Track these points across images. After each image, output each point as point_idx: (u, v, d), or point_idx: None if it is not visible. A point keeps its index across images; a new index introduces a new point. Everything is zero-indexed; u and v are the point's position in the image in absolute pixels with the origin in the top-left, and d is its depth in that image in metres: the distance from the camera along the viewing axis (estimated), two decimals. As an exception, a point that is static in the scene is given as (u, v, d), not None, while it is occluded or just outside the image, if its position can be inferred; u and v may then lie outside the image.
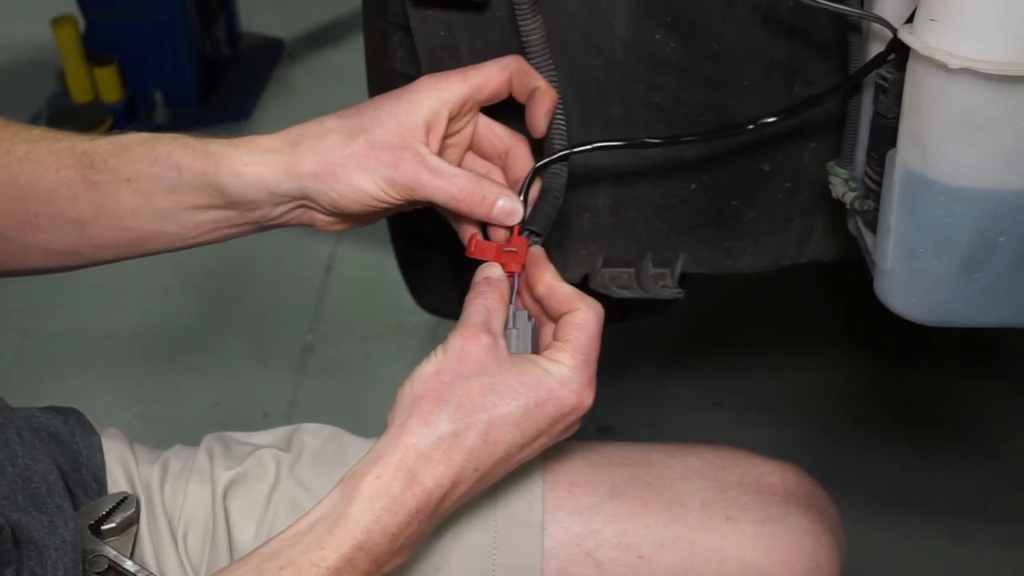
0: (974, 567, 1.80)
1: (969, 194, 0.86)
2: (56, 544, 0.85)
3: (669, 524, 0.96)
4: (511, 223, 0.91)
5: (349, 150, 0.88)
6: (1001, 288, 0.92)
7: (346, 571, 0.77)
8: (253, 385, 2.19)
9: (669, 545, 0.96)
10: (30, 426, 0.92)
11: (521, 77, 0.92)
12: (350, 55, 3.23)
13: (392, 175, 0.88)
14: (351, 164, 0.88)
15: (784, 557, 0.97)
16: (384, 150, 0.88)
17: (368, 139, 0.89)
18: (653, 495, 0.97)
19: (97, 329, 2.29)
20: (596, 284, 1.18)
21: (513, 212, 0.90)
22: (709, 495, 0.98)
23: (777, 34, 1.02)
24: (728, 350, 2.21)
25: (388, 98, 0.91)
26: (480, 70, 0.92)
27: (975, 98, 0.81)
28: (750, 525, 0.97)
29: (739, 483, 1.00)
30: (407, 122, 0.89)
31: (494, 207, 0.90)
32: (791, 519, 0.98)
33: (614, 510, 0.96)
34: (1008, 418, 2.02)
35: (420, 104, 0.90)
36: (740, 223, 1.15)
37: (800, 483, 1.03)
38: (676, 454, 1.02)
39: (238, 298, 2.36)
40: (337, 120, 0.91)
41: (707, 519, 0.97)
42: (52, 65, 2.98)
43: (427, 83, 0.91)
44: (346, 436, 1.03)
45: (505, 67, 0.92)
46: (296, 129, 0.91)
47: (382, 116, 0.90)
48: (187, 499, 0.97)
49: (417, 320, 2.27)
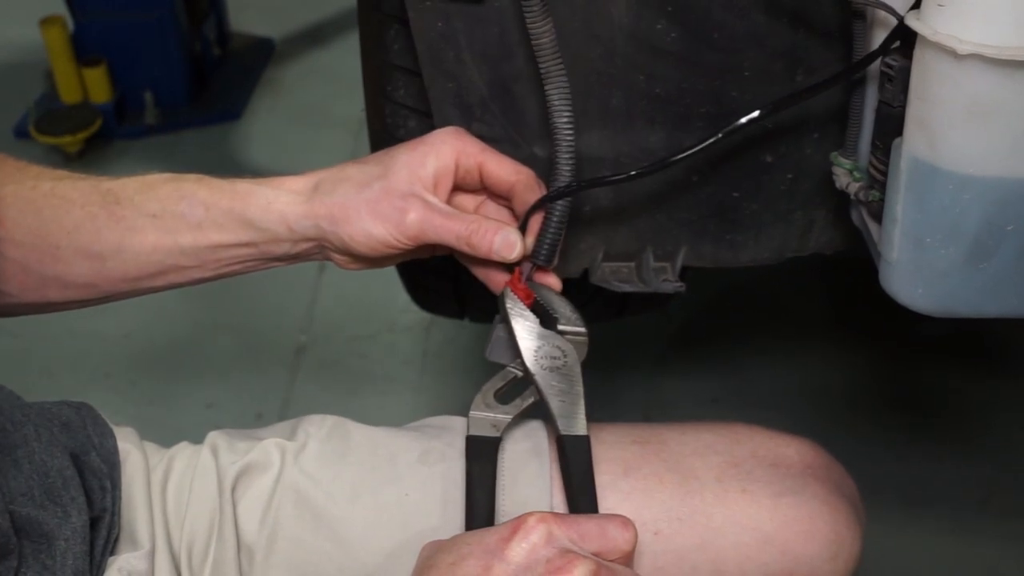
0: (975, 562, 1.80)
1: (977, 182, 0.85)
2: (66, 534, 0.85)
3: (684, 499, 0.96)
4: (512, 256, 0.95)
5: (363, 196, 0.94)
6: (1009, 278, 0.91)
7: None
8: (246, 385, 2.18)
9: (685, 520, 0.95)
10: (44, 420, 0.93)
11: (524, 191, 0.97)
12: (341, 54, 3.24)
13: (400, 220, 0.93)
14: (364, 209, 0.93)
15: (803, 528, 0.96)
16: (396, 197, 0.94)
17: (382, 186, 0.94)
18: (668, 471, 0.97)
19: (89, 330, 2.28)
20: (596, 278, 1.17)
21: (511, 245, 0.95)
22: (724, 469, 0.98)
23: (779, 22, 1.01)
24: (724, 345, 2.21)
25: (405, 148, 0.97)
26: (497, 158, 0.97)
27: (984, 84, 0.80)
28: (767, 498, 0.96)
29: (754, 456, 0.99)
30: (419, 172, 0.95)
31: (494, 243, 0.94)
32: (808, 491, 0.97)
33: (628, 487, 0.96)
34: (1009, 412, 2.02)
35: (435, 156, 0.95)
36: (742, 215, 1.14)
37: (816, 456, 1.02)
38: (689, 431, 1.02)
39: (231, 298, 2.35)
40: (356, 167, 0.97)
41: (723, 493, 0.96)
42: (40, 66, 2.96)
43: (442, 138, 0.97)
44: (351, 425, 1.02)
45: (517, 172, 0.97)
46: (319, 173, 0.97)
47: (396, 165, 0.95)
48: (192, 495, 0.96)
49: (410, 319, 2.27)
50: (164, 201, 0.96)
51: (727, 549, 0.95)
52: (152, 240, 0.96)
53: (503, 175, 0.97)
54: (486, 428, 0.94)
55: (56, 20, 2.81)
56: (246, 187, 0.97)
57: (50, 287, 0.98)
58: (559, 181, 0.96)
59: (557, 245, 0.97)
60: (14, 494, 0.84)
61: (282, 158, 2.85)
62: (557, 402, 0.93)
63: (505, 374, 0.96)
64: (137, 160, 2.83)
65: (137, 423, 1.03)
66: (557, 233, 0.97)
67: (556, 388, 0.93)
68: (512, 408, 0.95)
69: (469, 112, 1.08)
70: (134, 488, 0.95)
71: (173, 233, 0.96)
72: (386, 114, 1.26)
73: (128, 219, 0.96)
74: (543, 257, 0.97)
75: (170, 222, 0.96)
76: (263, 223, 0.95)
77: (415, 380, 2.17)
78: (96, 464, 0.93)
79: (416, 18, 1.04)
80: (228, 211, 0.96)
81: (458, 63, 1.05)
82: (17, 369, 2.15)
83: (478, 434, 0.94)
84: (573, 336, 0.96)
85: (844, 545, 0.97)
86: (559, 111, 0.95)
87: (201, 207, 0.96)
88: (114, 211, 0.96)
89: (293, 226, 0.95)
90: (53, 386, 2.17)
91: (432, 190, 0.95)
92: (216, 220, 0.96)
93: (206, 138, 2.94)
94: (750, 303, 2.27)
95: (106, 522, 0.91)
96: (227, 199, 0.96)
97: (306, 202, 0.95)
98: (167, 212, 0.96)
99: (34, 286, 0.98)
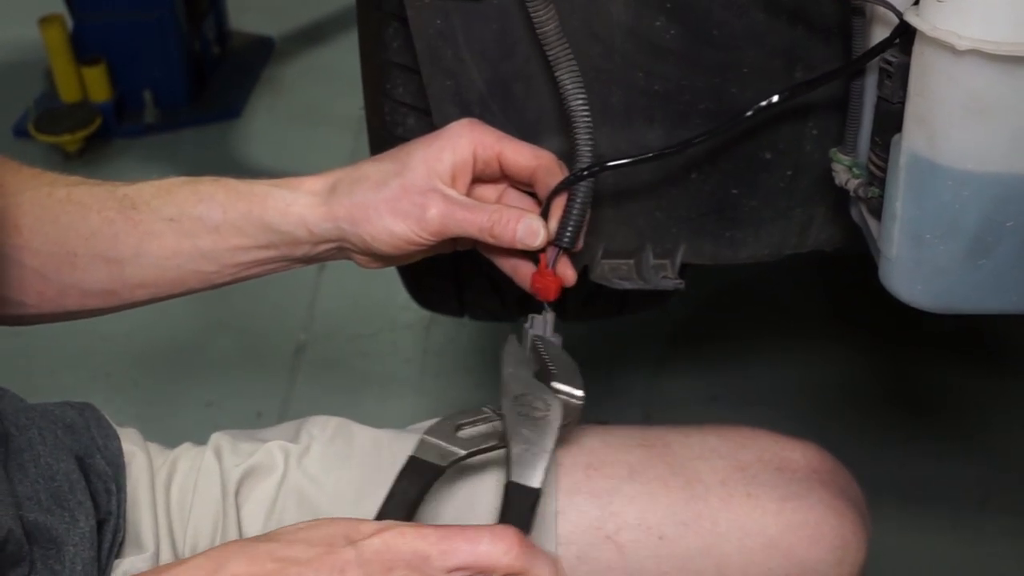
0: (975, 559, 1.80)
1: (976, 178, 0.85)
2: (75, 540, 0.85)
3: (689, 503, 0.95)
4: (536, 243, 0.94)
5: (382, 194, 0.92)
6: (1008, 274, 0.91)
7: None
8: (246, 384, 2.18)
9: (690, 524, 0.95)
10: (49, 422, 0.92)
11: (546, 175, 0.95)
12: (340, 53, 3.23)
13: (421, 216, 0.92)
14: (384, 208, 0.92)
15: (808, 533, 0.95)
16: (415, 193, 0.92)
17: (400, 183, 0.92)
18: (672, 475, 0.97)
19: (90, 329, 2.26)
20: (596, 276, 1.17)
21: (535, 232, 0.93)
22: (729, 473, 0.97)
23: (779, 20, 1.01)
24: (724, 343, 2.21)
25: (421, 143, 0.95)
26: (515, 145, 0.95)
27: (983, 80, 0.80)
28: (772, 502, 0.96)
29: (759, 461, 0.99)
30: (436, 167, 0.93)
31: (517, 231, 0.93)
32: (814, 495, 0.97)
33: (633, 492, 0.96)
34: (1008, 410, 2.02)
35: (451, 150, 0.93)
36: (741, 212, 1.14)
37: (822, 460, 1.01)
38: (694, 434, 1.01)
39: (231, 296, 2.33)
40: (372, 165, 0.95)
41: (728, 497, 0.96)
42: (40, 65, 2.96)
43: (458, 131, 0.95)
44: (355, 427, 1.02)
45: (536, 157, 0.95)
46: (336, 173, 0.96)
47: (413, 161, 0.93)
48: (196, 497, 0.96)
49: (411, 317, 2.26)
50: (181, 205, 0.95)
51: (731, 554, 0.95)
52: (170, 244, 0.95)
53: (523, 162, 0.95)
54: (433, 455, 0.87)
55: (55, 19, 2.81)
56: (264, 189, 0.95)
57: (68, 295, 0.97)
58: (579, 164, 0.95)
59: (581, 228, 0.95)
60: (21, 499, 0.83)
61: (282, 157, 2.85)
62: (519, 449, 0.84)
63: (478, 411, 0.90)
64: (137, 159, 2.84)
65: (138, 422, 1.03)
66: (581, 215, 0.95)
67: (523, 436, 0.85)
68: (468, 444, 0.88)
69: (468, 110, 1.07)
70: (139, 490, 0.95)
71: (191, 237, 0.95)
72: (385, 112, 1.26)
73: (145, 223, 0.95)
74: (567, 240, 0.95)
75: (188, 225, 0.95)
76: (282, 226, 0.94)
77: (415, 378, 2.17)
78: (101, 467, 0.93)
79: (415, 16, 1.04)
80: (246, 214, 0.94)
81: (457, 61, 1.05)
82: (18, 368, 2.15)
83: (422, 457, 0.87)
84: (567, 397, 0.89)
85: (849, 550, 0.96)
86: (573, 95, 0.94)
87: (219, 210, 0.95)
88: (131, 216, 0.95)
89: (313, 228, 0.94)
90: (54, 385, 2.17)
91: (451, 183, 0.93)
92: (234, 223, 0.95)
93: (206, 137, 2.94)
94: (750, 300, 2.27)
95: (111, 525, 0.91)
96: (245, 202, 0.95)
97: (324, 204, 0.94)
98: (185, 215, 0.95)
99: (53, 295, 0.97)
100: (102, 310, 1.00)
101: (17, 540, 0.79)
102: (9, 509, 0.80)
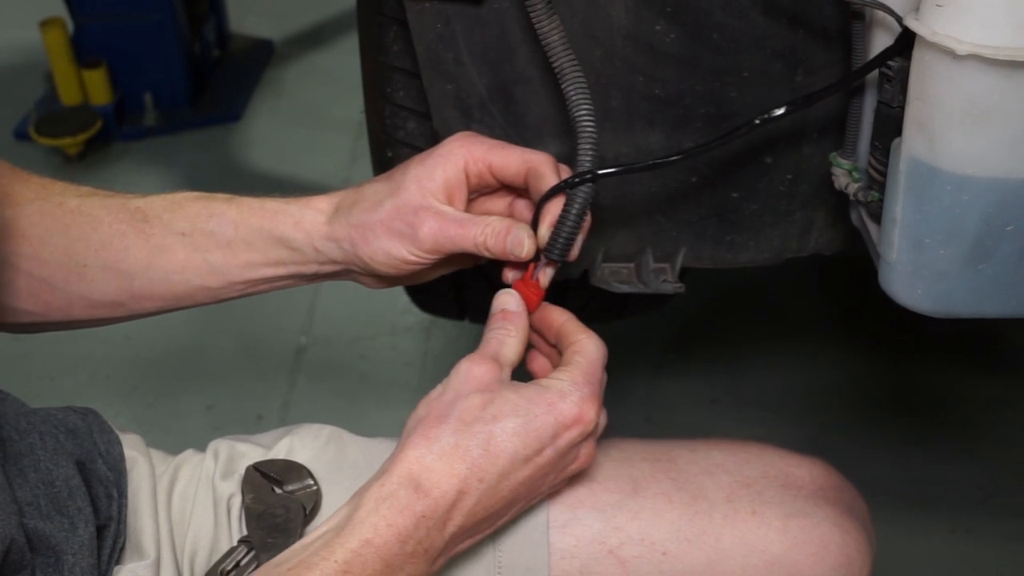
0: (974, 562, 1.80)
1: (976, 182, 0.85)
2: (74, 549, 0.85)
3: (693, 519, 0.95)
4: (523, 254, 0.92)
5: (377, 215, 0.92)
6: (1008, 278, 0.91)
7: (356, 565, 0.77)
8: (247, 387, 2.18)
9: (694, 541, 0.94)
10: (50, 428, 0.92)
11: (536, 181, 0.92)
12: (341, 56, 3.24)
13: (414, 235, 0.91)
14: (380, 228, 0.92)
15: (812, 551, 0.95)
16: (408, 212, 0.91)
17: (393, 203, 0.92)
18: (677, 490, 0.96)
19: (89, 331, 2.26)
20: (596, 279, 1.17)
21: (520, 242, 0.91)
22: (734, 490, 0.96)
23: (779, 23, 1.01)
24: (723, 347, 2.21)
25: (415, 161, 0.94)
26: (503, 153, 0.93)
27: (983, 84, 0.80)
28: (777, 519, 0.95)
29: (764, 477, 0.98)
30: (428, 185, 0.92)
31: (506, 243, 0.91)
32: (819, 513, 0.96)
33: (637, 506, 0.95)
34: (1008, 412, 2.02)
35: (442, 167, 0.92)
36: (741, 216, 1.14)
37: (828, 477, 1.01)
38: (699, 449, 1.00)
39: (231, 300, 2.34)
40: (370, 186, 0.95)
41: (732, 514, 0.95)
42: (40, 68, 2.96)
43: (450, 147, 0.93)
44: (347, 436, 1.01)
45: (525, 163, 0.93)
46: (340, 193, 0.96)
47: (407, 180, 0.92)
48: (196, 504, 0.96)
49: (411, 320, 2.27)
50: (193, 219, 0.95)
51: (735, 571, 0.94)
52: (181, 258, 0.95)
53: (512, 169, 0.92)
54: None
55: (56, 22, 2.81)
56: (275, 205, 0.96)
57: (76, 306, 0.98)
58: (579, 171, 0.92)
59: (574, 239, 0.91)
60: (20, 505, 0.83)
61: (282, 160, 2.85)
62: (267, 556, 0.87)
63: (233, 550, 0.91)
64: (137, 162, 2.84)
65: (138, 425, 1.03)
66: (574, 226, 0.91)
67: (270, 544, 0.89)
68: None
69: (468, 114, 1.08)
70: (140, 497, 0.95)
71: (202, 251, 0.95)
72: (386, 115, 1.26)
73: (157, 237, 0.95)
74: (557, 252, 0.91)
75: (199, 240, 0.95)
76: (292, 242, 0.94)
77: (416, 382, 2.17)
78: (102, 472, 0.93)
79: (415, 20, 1.04)
80: (258, 229, 0.95)
81: (457, 65, 1.05)
82: (19, 372, 2.15)
83: None
84: (302, 491, 0.94)
85: (854, 568, 0.96)
86: (578, 104, 0.91)
87: (231, 225, 0.95)
88: (143, 229, 0.95)
89: (318, 247, 0.94)
90: (54, 389, 2.17)
91: (446, 200, 0.92)
92: (246, 238, 0.95)
93: (206, 140, 2.94)
94: (749, 304, 2.27)
95: (112, 531, 0.91)
96: (256, 217, 0.95)
97: (328, 223, 0.94)
98: (196, 230, 0.95)
99: (60, 305, 0.97)
100: (108, 320, 1.01)
101: (19, 548, 0.79)
102: (12, 517, 0.80)
